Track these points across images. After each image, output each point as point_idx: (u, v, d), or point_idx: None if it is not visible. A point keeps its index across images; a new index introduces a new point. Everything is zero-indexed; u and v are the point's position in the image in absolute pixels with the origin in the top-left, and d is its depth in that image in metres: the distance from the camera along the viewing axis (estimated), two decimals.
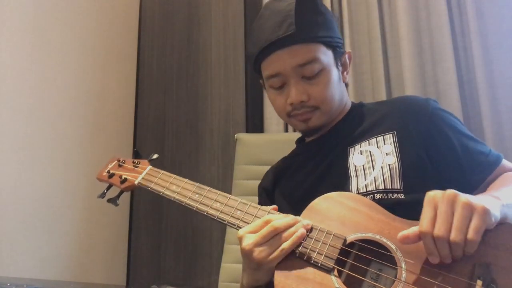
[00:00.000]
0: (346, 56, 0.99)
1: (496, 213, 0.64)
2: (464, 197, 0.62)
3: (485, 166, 0.84)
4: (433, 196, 0.64)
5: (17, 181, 1.53)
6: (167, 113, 2.13)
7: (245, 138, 1.46)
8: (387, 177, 0.81)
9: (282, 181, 1.00)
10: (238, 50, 1.97)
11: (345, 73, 0.98)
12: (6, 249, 1.47)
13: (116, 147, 2.05)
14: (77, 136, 1.81)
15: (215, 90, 2.00)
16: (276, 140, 1.44)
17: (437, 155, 0.84)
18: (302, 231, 0.71)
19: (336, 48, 0.93)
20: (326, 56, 0.89)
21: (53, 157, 1.68)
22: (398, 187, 0.80)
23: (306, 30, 0.87)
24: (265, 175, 1.08)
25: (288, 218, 0.74)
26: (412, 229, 0.64)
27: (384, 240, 0.70)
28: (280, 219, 0.73)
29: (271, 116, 1.80)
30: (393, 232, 0.70)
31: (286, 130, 1.78)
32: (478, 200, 0.63)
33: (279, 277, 0.70)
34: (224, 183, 1.87)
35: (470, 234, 0.60)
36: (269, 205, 1.00)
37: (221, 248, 1.43)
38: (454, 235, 0.60)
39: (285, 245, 0.71)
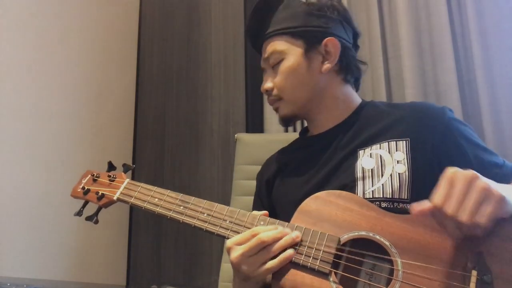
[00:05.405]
0: (329, 44, 0.92)
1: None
2: (483, 181, 0.61)
3: (499, 178, 0.79)
4: (452, 173, 0.63)
5: (17, 181, 1.53)
6: (167, 113, 2.13)
7: (245, 138, 1.45)
8: (396, 186, 0.80)
9: (283, 174, 0.98)
10: (238, 50, 1.97)
11: (326, 62, 0.93)
12: (6, 249, 1.47)
13: (116, 147, 2.05)
14: (77, 136, 1.81)
15: (215, 90, 2.00)
16: (276, 140, 1.43)
17: (451, 166, 0.83)
18: (290, 252, 0.71)
19: (308, 37, 0.92)
20: (291, 46, 0.93)
21: (53, 157, 1.68)
22: (405, 197, 0.79)
23: (269, 27, 0.95)
24: (265, 165, 1.06)
25: (276, 231, 0.73)
26: (425, 203, 0.64)
27: (378, 237, 0.70)
28: (267, 232, 0.72)
29: (271, 116, 1.80)
30: (385, 228, 0.71)
31: (286, 130, 1.77)
32: (496, 187, 0.62)
33: (277, 285, 0.70)
34: (224, 183, 1.87)
35: (478, 217, 0.59)
36: (268, 197, 1.00)
37: (221, 248, 1.43)
38: (462, 215, 0.60)
39: (272, 263, 0.70)
